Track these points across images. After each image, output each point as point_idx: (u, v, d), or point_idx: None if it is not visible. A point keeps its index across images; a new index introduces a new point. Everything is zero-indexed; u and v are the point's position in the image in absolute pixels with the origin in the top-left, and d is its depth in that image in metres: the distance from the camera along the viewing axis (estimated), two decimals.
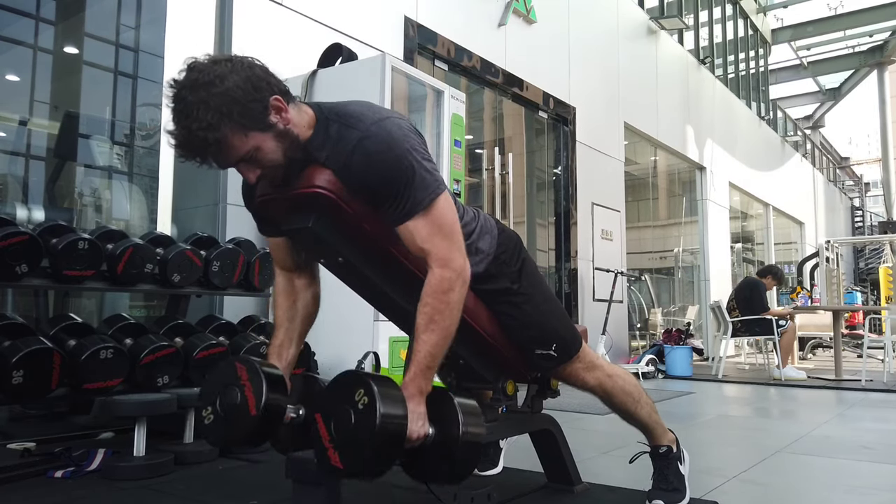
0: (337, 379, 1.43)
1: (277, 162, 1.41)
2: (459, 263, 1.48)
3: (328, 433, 1.36)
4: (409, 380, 1.43)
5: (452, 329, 1.47)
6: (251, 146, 1.37)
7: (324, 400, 1.43)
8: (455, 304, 1.46)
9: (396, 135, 1.44)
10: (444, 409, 1.45)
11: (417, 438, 1.40)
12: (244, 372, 1.41)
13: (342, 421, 1.34)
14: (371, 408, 1.30)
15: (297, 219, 1.49)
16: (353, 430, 1.32)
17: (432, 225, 1.46)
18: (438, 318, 1.44)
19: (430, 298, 1.44)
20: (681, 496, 1.92)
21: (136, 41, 4.07)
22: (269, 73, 1.40)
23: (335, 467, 1.35)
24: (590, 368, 1.87)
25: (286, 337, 1.64)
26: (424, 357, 1.43)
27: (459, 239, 1.51)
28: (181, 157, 1.38)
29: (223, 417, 1.41)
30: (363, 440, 1.31)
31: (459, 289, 1.47)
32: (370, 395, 1.32)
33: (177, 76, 1.34)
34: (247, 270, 2.97)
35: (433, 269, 1.46)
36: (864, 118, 32.76)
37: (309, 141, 1.45)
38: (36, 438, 2.53)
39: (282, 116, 1.39)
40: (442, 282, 1.45)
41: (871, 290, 16.11)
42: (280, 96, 1.39)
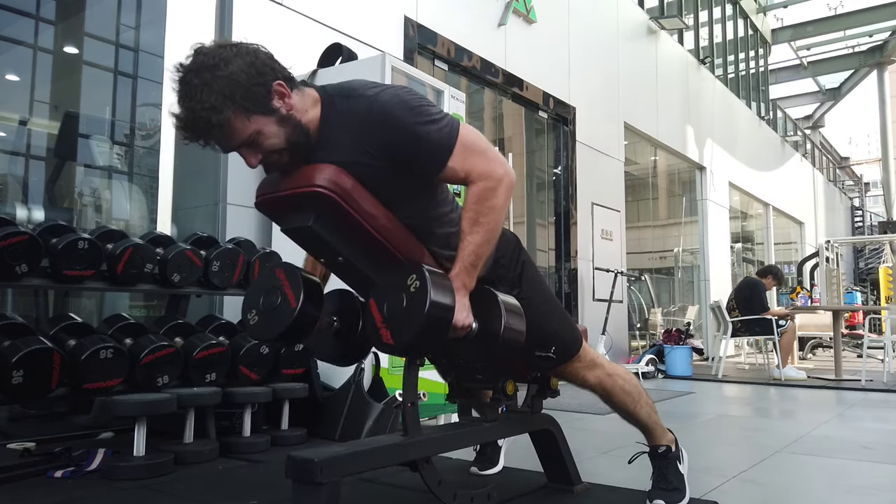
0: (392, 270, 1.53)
1: (279, 147, 1.44)
2: (500, 171, 1.51)
3: (381, 314, 1.48)
4: (454, 274, 1.49)
5: (497, 230, 1.53)
6: (253, 130, 1.39)
7: (378, 287, 1.53)
8: (500, 207, 1.51)
9: (402, 95, 1.49)
10: (488, 305, 1.55)
11: (462, 328, 1.48)
12: (283, 275, 1.53)
13: (395, 302, 1.45)
14: (423, 291, 1.40)
15: (297, 218, 1.49)
16: (404, 311, 1.43)
17: (463, 153, 1.50)
18: (483, 220, 1.49)
19: (474, 205, 1.50)
20: (681, 496, 1.92)
21: (136, 41, 4.07)
22: (273, 59, 1.43)
23: (387, 343, 1.47)
24: (590, 367, 1.87)
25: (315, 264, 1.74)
26: (469, 255, 1.49)
27: (495, 152, 1.55)
28: (184, 139, 1.41)
29: (267, 315, 1.53)
30: (414, 318, 1.41)
31: (504, 192, 1.51)
32: (422, 279, 1.42)
33: (183, 60, 1.37)
34: (247, 270, 2.96)
35: (475, 183, 1.50)
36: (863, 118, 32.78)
37: (320, 121, 1.49)
38: (36, 438, 2.53)
39: (285, 101, 1.42)
40: (485, 191, 1.49)
41: (870, 290, 16.11)
42: (284, 82, 1.42)
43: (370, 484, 2.09)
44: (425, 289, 1.40)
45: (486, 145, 1.55)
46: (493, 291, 1.58)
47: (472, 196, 1.50)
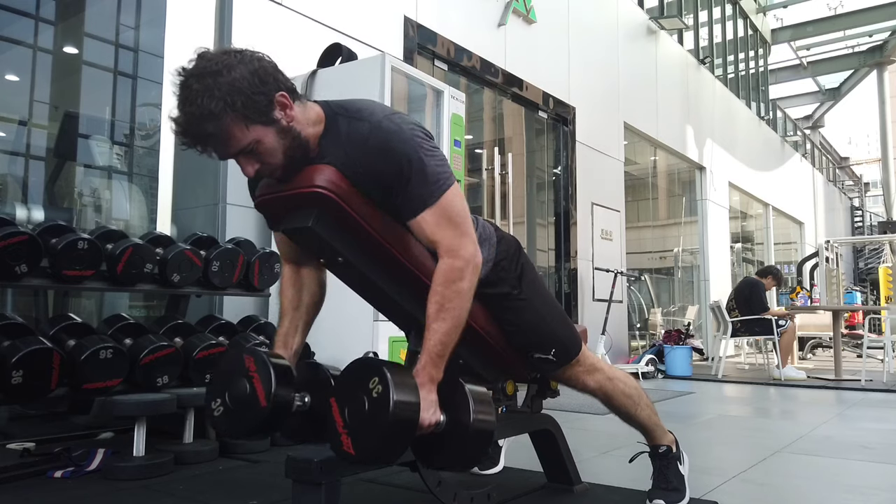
0: (352, 365, 1.44)
1: (277, 158, 1.42)
2: (470, 251, 1.48)
3: (342, 419, 1.38)
4: (420, 368, 1.43)
5: (463, 317, 1.47)
6: (252, 139, 1.37)
7: (339, 386, 1.44)
8: (465, 292, 1.46)
9: (406, 129, 1.46)
10: (455, 396, 1.46)
11: (429, 426, 1.41)
12: (252, 363, 1.42)
13: (356, 408, 1.36)
14: (385, 396, 1.31)
15: (297, 218, 1.48)
16: (366, 417, 1.34)
17: (441, 216, 1.46)
18: (449, 306, 1.44)
19: (440, 287, 1.45)
20: (681, 496, 1.92)
21: (136, 41, 4.07)
22: (277, 69, 1.41)
23: (347, 453, 1.36)
24: (590, 371, 1.87)
25: (291, 325, 1.64)
26: (435, 345, 1.43)
27: (470, 228, 1.51)
28: (182, 145, 1.39)
29: (233, 409, 1.42)
30: (376, 427, 1.32)
31: (470, 276, 1.47)
32: (384, 382, 1.33)
33: (185, 64, 1.35)
34: (246, 270, 2.96)
35: (443, 258, 1.46)
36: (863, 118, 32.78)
37: (321, 137, 1.47)
38: (36, 438, 2.53)
39: (286, 113, 1.40)
40: (451, 271, 1.45)
41: (870, 290, 16.11)
42: (286, 93, 1.40)
43: (370, 484, 2.09)
44: (387, 393, 1.32)
45: (465, 220, 1.51)
46: (461, 382, 1.48)
47: (440, 275, 1.45)
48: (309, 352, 3.03)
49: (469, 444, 1.45)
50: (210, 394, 1.48)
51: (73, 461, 2.27)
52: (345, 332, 3.20)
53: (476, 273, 1.48)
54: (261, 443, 2.64)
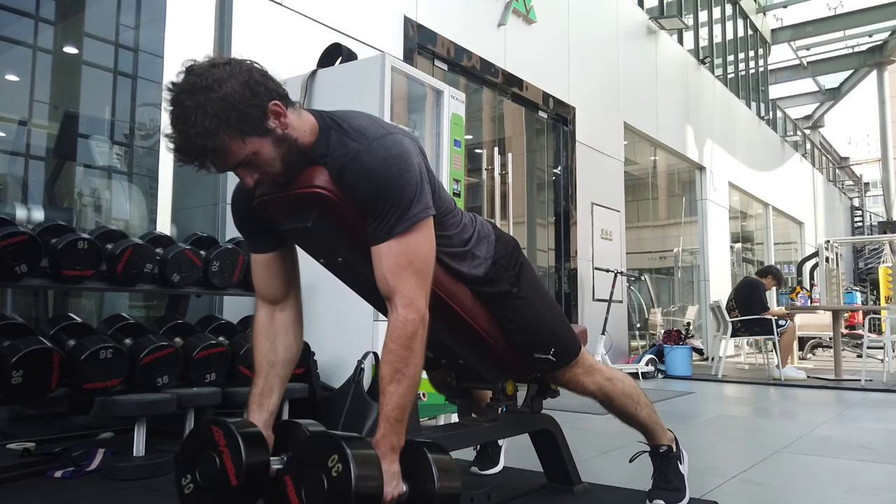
0: (308, 441, 1.39)
1: (276, 166, 1.41)
2: (422, 304, 1.41)
3: (299, 499, 1.30)
4: (380, 437, 1.36)
5: (418, 378, 1.41)
6: (249, 151, 1.36)
7: (294, 463, 1.36)
8: (419, 351, 1.40)
9: (395, 153, 1.42)
10: (418, 464, 1.39)
11: (392, 499, 1.34)
12: (221, 437, 1.35)
13: (314, 487, 1.28)
14: (346, 475, 1.24)
15: (297, 219, 1.49)
16: (326, 498, 1.26)
17: (404, 255, 1.41)
18: (404, 368, 1.38)
19: (395, 345, 1.38)
20: (681, 496, 1.92)
21: (136, 41, 4.07)
22: (267, 76, 1.38)
23: None
24: (589, 373, 1.87)
25: (266, 385, 1.55)
26: (393, 410, 1.37)
27: (428, 280, 1.45)
28: (179, 162, 1.37)
29: (203, 487, 1.35)
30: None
31: (422, 333, 1.40)
32: (344, 461, 1.25)
33: (175, 79, 1.33)
34: (246, 270, 2.96)
35: (397, 308, 1.40)
36: (863, 118, 32.77)
37: (312, 148, 1.44)
38: (36, 438, 2.53)
39: (280, 121, 1.38)
40: (406, 325, 1.39)
41: (870, 290, 16.11)
42: (279, 101, 1.38)
43: None
44: (348, 471, 1.24)
45: (428, 268, 1.45)
46: (423, 450, 1.41)
47: (395, 331, 1.39)
48: (309, 351, 3.03)
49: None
50: (180, 469, 1.41)
51: (73, 461, 2.27)
52: (345, 332, 3.20)
53: (426, 330, 1.41)
54: None
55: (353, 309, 2.45)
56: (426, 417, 3.22)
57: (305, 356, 2.98)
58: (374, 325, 3.22)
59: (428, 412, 3.22)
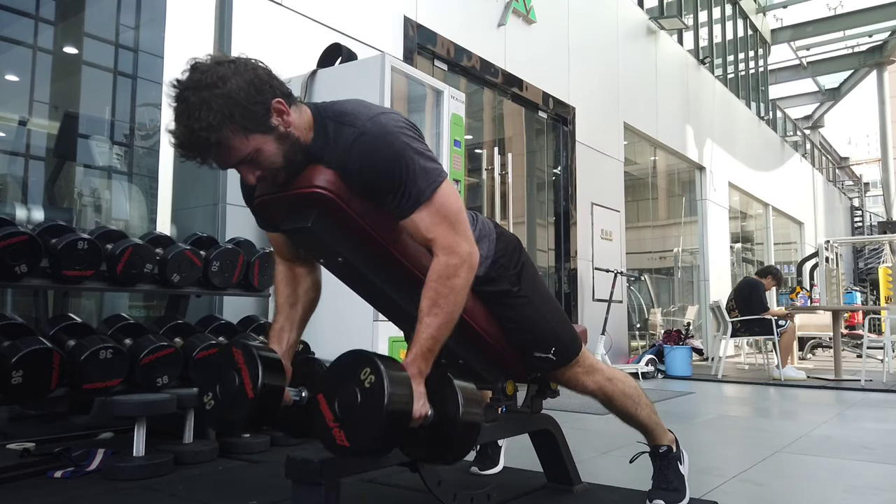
0: (340, 359, 1.43)
1: (278, 164, 1.42)
2: (465, 249, 1.47)
3: (332, 413, 1.37)
4: (410, 361, 1.43)
5: (456, 314, 1.47)
6: (252, 148, 1.37)
7: (326, 380, 1.43)
8: (459, 290, 1.45)
9: (392, 128, 1.44)
10: (443, 390, 1.45)
11: (419, 418, 1.40)
12: (241, 356, 1.42)
13: (348, 400, 1.35)
14: (379, 386, 1.31)
15: (297, 219, 1.49)
16: (359, 409, 1.33)
17: (436, 214, 1.46)
18: (442, 302, 1.43)
19: (434, 283, 1.44)
20: (681, 496, 1.92)
21: (136, 41, 4.07)
22: (271, 75, 1.41)
23: (342, 446, 1.36)
24: (589, 372, 1.87)
25: (287, 321, 1.64)
26: (426, 340, 1.43)
27: (465, 226, 1.51)
28: (182, 157, 1.39)
29: (222, 402, 1.43)
30: (371, 418, 1.32)
31: (465, 274, 1.46)
32: (377, 373, 1.32)
33: (180, 76, 1.35)
34: (246, 270, 2.96)
35: (438, 255, 1.46)
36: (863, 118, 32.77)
37: (311, 143, 1.46)
38: (35, 438, 2.53)
39: (283, 119, 1.40)
40: (447, 268, 1.44)
41: (870, 290, 16.11)
42: (282, 99, 1.40)
43: (370, 484, 2.09)
44: (382, 384, 1.31)
45: (460, 217, 1.50)
46: (448, 376, 1.48)
47: (434, 272, 1.45)
48: (308, 351, 3.03)
49: (457, 439, 1.45)
50: (202, 388, 1.49)
51: (73, 461, 2.27)
52: (344, 332, 3.21)
53: (472, 271, 1.48)
54: (261, 443, 2.64)
55: (353, 309, 2.45)
56: None
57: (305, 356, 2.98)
58: (374, 325, 3.22)
59: None
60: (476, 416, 1.46)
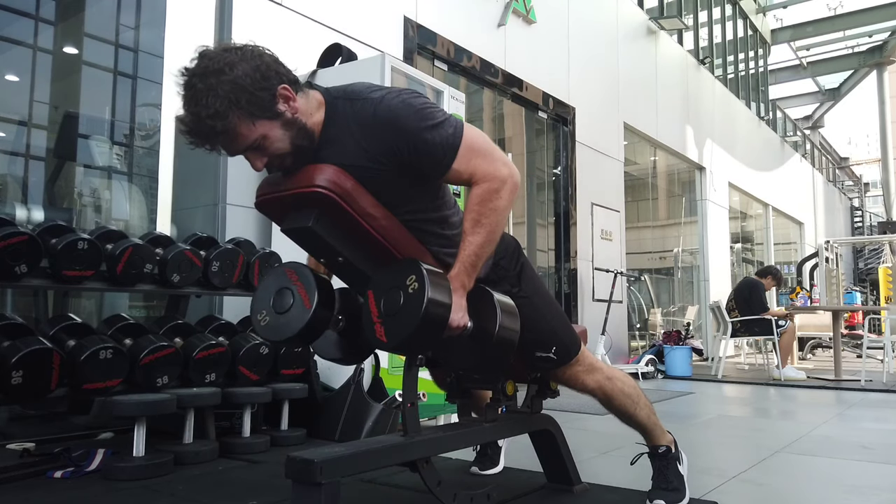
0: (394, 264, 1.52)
1: (284, 150, 1.44)
2: (504, 172, 1.51)
3: (378, 309, 1.47)
4: (453, 275, 1.49)
5: (499, 230, 1.53)
6: (259, 134, 1.40)
7: (378, 280, 1.52)
8: (502, 208, 1.51)
9: (405, 96, 1.49)
10: (483, 305, 1.55)
11: (457, 328, 1.48)
12: (294, 275, 1.54)
13: (392, 300, 1.45)
14: (420, 293, 1.40)
15: (298, 218, 1.49)
16: (401, 310, 1.43)
17: (468, 154, 1.50)
18: (485, 221, 1.49)
19: (477, 206, 1.49)
20: (681, 496, 1.92)
21: (136, 41, 4.07)
22: (278, 62, 1.43)
23: (380, 340, 1.46)
24: (589, 371, 1.87)
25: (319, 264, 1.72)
26: (469, 255, 1.49)
27: (499, 153, 1.54)
28: (190, 144, 1.41)
29: (279, 316, 1.53)
30: (409, 320, 1.41)
31: (507, 195, 1.51)
32: (421, 280, 1.41)
33: (188, 64, 1.37)
34: (246, 270, 2.96)
35: (479, 184, 1.50)
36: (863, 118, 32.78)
37: (323, 126, 1.49)
38: (35, 439, 2.53)
39: (290, 105, 1.42)
40: (487, 192, 1.49)
41: (870, 290, 16.12)
42: (289, 85, 1.42)
43: (370, 484, 2.09)
44: (423, 290, 1.40)
45: (491, 146, 1.54)
46: (489, 291, 1.57)
47: (476, 197, 1.50)
48: (309, 351, 3.03)
49: (492, 352, 1.54)
50: (255, 305, 1.57)
51: (73, 461, 2.27)
52: None
53: (514, 191, 1.52)
54: (261, 443, 2.64)
55: None
56: (426, 417, 3.22)
57: (305, 356, 2.98)
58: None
59: (428, 412, 3.22)
60: (513, 333, 1.57)
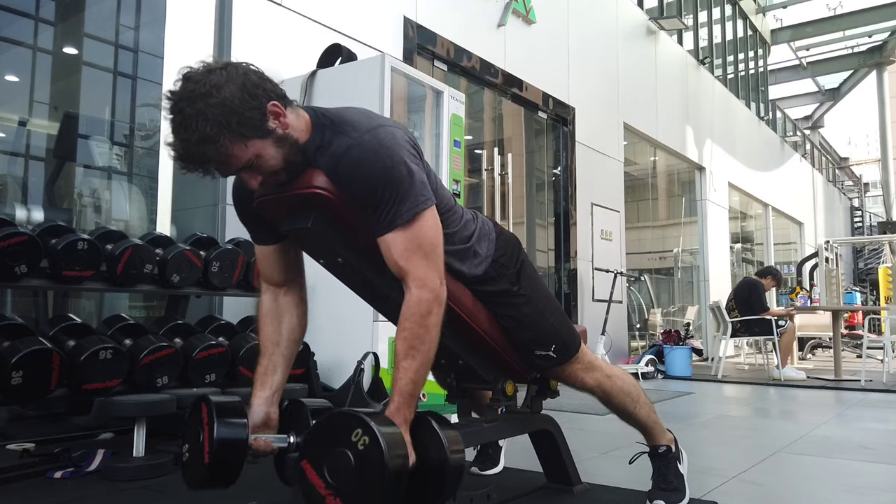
0: (322, 422, 1.37)
1: (278, 167, 1.42)
2: (436, 284, 1.43)
3: (323, 480, 1.30)
4: (394, 410, 1.38)
5: (432, 354, 1.43)
6: (251, 154, 1.37)
7: (308, 445, 1.37)
8: (434, 328, 1.42)
9: (387, 143, 1.42)
10: (425, 435, 1.42)
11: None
12: (205, 413, 1.38)
13: (340, 465, 1.28)
14: (375, 447, 1.25)
15: (297, 219, 1.49)
16: (356, 474, 1.27)
17: (411, 241, 1.42)
18: (418, 345, 1.40)
19: (409, 323, 1.40)
20: (681, 496, 1.92)
21: (136, 42, 4.07)
22: (264, 77, 1.39)
23: None
24: (589, 369, 1.87)
25: (270, 363, 1.59)
26: (407, 385, 1.39)
27: (439, 260, 1.47)
28: (183, 170, 1.38)
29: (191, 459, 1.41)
30: (372, 482, 1.25)
31: (437, 311, 1.43)
32: (370, 434, 1.26)
33: (173, 87, 1.33)
34: (246, 271, 2.96)
35: (410, 289, 1.42)
36: (863, 118, 32.77)
37: (306, 145, 1.45)
38: (35, 439, 2.53)
39: (280, 121, 1.39)
40: (420, 303, 1.41)
41: (870, 290, 16.11)
42: (277, 101, 1.39)
43: None
44: (378, 445, 1.24)
45: (437, 251, 1.46)
46: (426, 418, 1.44)
47: (409, 310, 1.41)
48: (309, 351, 3.03)
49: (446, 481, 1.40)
50: (182, 437, 1.45)
51: (73, 462, 2.27)
52: (344, 332, 3.21)
53: (442, 308, 1.44)
54: None
55: (353, 309, 2.45)
56: None
57: (305, 356, 2.98)
58: (374, 325, 3.22)
59: None
60: (460, 460, 1.43)
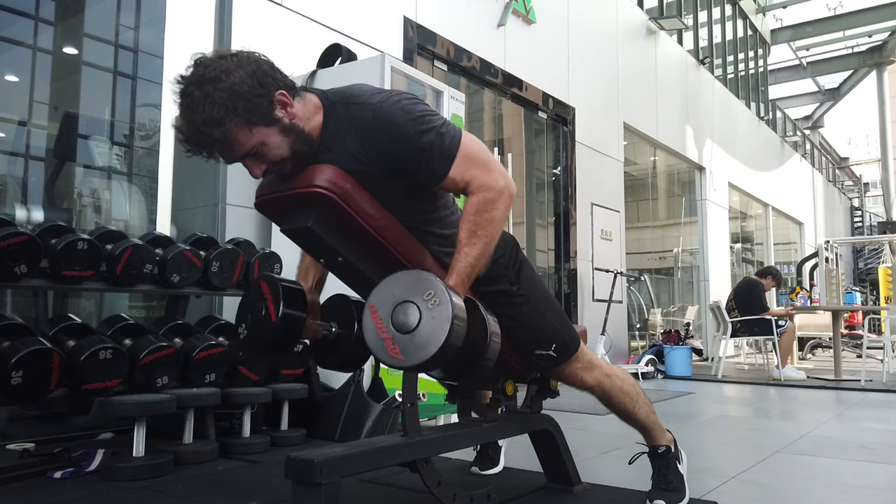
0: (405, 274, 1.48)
1: (283, 156, 1.44)
2: (500, 183, 1.50)
3: (384, 324, 1.42)
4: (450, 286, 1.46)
5: (493, 244, 1.53)
6: (256, 141, 1.39)
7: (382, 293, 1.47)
8: (498, 220, 1.51)
9: (404, 101, 1.48)
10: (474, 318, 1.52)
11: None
12: (265, 286, 1.55)
13: (405, 316, 1.40)
14: (443, 310, 1.36)
15: (297, 218, 1.49)
16: (420, 326, 1.38)
17: (466, 162, 1.49)
18: (480, 233, 1.49)
19: (473, 216, 1.49)
20: (681, 496, 1.92)
21: (136, 42, 4.07)
22: (274, 67, 1.42)
23: (395, 358, 1.41)
24: (588, 368, 1.87)
25: (311, 266, 1.73)
26: (465, 267, 1.49)
27: (496, 163, 1.54)
28: (188, 152, 1.41)
29: (252, 329, 1.57)
30: (430, 340, 1.37)
31: (503, 206, 1.51)
32: (442, 297, 1.38)
33: (184, 72, 1.36)
34: (246, 271, 2.96)
35: (475, 193, 1.50)
36: (863, 118, 32.79)
37: (321, 131, 1.49)
38: (35, 439, 2.53)
39: (287, 111, 1.42)
40: (484, 202, 1.49)
41: (870, 290, 16.12)
42: (285, 91, 1.41)
43: (370, 484, 2.09)
44: (446, 308, 1.37)
45: (488, 156, 1.54)
46: (475, 301, 1.56)
47: (472, 206, 1.49)
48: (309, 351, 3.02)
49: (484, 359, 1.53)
50: (237, 320, 1.63)
51: (73, 462, 2.27)
52: None
53: (510, 202, 1.52)
54: (261, 443, 2.64)
55: None
56: (426, 418, 3.22)
57: (305, 356, 2.98)
58: None
59: (428, 412, 3.22)
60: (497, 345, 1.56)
